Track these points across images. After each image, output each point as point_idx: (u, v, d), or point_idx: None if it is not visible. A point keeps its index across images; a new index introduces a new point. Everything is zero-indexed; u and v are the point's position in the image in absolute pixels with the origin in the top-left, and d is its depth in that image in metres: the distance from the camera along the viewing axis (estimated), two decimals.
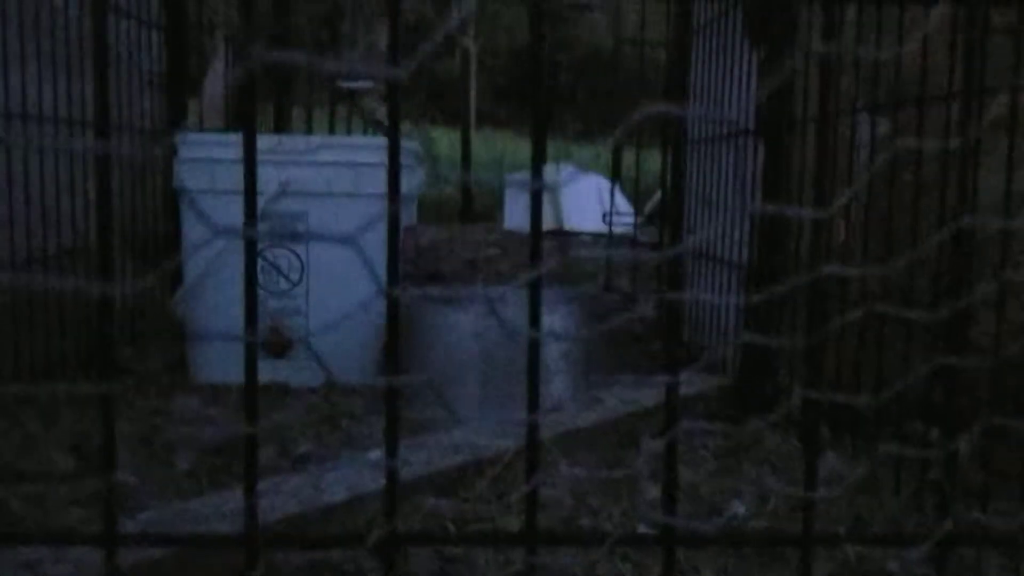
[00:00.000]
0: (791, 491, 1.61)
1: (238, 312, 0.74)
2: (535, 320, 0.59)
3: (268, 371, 2.58)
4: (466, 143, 15.04)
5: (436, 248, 6.08)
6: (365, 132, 3.90)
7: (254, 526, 0.60)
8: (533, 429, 0.70)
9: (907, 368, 1.81)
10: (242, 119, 0.70)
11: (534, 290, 0.59)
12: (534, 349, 0.59)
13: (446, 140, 19.00)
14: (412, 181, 2.89)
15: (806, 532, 0.65)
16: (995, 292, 1.59)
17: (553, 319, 2.22)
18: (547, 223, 7.89)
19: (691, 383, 2.21)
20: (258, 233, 0.67)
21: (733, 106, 2.60)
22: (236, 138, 2.89)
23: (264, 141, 2.63)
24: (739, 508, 1.58)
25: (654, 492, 1.60)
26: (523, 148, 14.80)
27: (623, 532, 1.48)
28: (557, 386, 2.18)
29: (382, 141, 2.73)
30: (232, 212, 2.66)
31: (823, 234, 2.04)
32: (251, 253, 0.68)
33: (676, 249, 0.72)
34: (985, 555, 1.41)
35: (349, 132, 3.77)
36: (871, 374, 1.82)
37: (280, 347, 2.61)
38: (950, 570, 1.40)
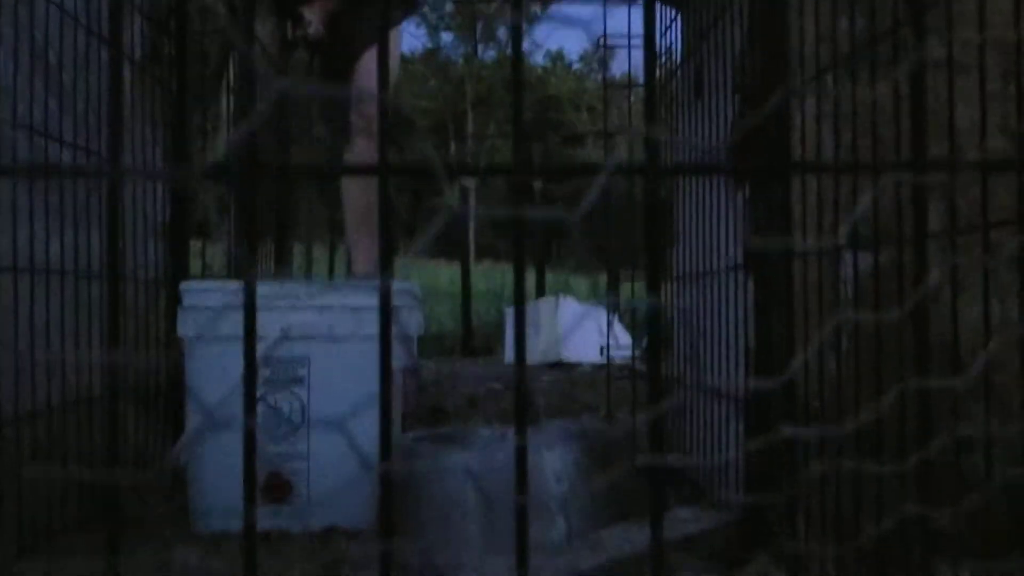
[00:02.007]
0: None
1: (240, 460, 0.76)
2: (521, 484, 0.61)
3: (268, 517, 2.57)
4: (466, 276, 15.21)
5: (438, 383, 6.09)
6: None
7: None
8: None
9: (906, 494, 1.81)
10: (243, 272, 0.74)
11: (520, 456, 0.62)
12: (522, 515, 0.61)
13: (447, 273, 19.20)
14: (412, 322, 2.94)
15: None
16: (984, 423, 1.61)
17: (553, 456, 2.23)
18: (546, 355, 7.92)
19: (693, 521, 2.20)
20: (259, 380, 0.70)
21: (721, 242, 2.67)
22: (238, 286, 2.96)
23: (266, 287, 2.69)
24: None
25: None
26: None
27: None
28: (559, 528, 2.17)
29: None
30: (235, 359, 2.70)
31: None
32: (250, 433, 0.72)
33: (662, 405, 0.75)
34: None
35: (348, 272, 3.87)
36: (874, 511, 1.82)
37: (280, 492, 2.61)
38: None
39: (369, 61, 3.76)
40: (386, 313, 0.69)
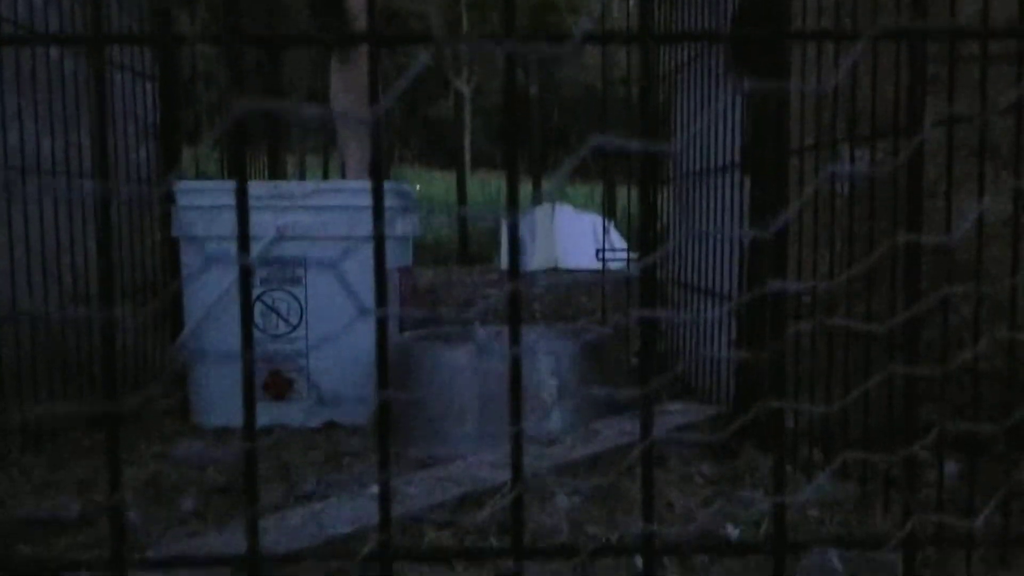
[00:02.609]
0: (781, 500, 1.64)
1: (238, 357, 0.77)
2: (515, 336, 0.63)
3: (269, 414, 2.61)
4: (462, 185, 15.14)
5: (434, 290, 6.12)
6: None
7: (255, 542, 0.64)
8: (517, 440, 0.73)
9: (893, 390, 1.84)
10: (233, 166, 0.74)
11: (513, 308, 0.64)
12: (515, 366, 0.63)
13: (442, 182, 19.10)
14: (407, 223, 2.94)
15: (778, 539, 0.69)
16: (973, 310, 1.63)
17: (549, 356, 2.25)
18: (543, 262, 7.94)
19: (685, 413, 2.24)
20: (253, 263, 0.71)
21: (719, 140, 2.65)
22: (232, 184, 2.94)
23: (260, 187, 2.68)
24: (733, 531, 1.61)
25: None
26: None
27: (602, 543, 1.50)
28: (555, 420, 2.21)
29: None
30: (230, 257, 2.72)
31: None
32: (245, 283, 0.73)
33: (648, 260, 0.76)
34: (958, 558, 1.45)
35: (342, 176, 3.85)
36: (860, 395, 1.85)
37: (281, 389, 2.64)
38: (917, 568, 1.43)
39: None
40: (378, 174, 0.70)
